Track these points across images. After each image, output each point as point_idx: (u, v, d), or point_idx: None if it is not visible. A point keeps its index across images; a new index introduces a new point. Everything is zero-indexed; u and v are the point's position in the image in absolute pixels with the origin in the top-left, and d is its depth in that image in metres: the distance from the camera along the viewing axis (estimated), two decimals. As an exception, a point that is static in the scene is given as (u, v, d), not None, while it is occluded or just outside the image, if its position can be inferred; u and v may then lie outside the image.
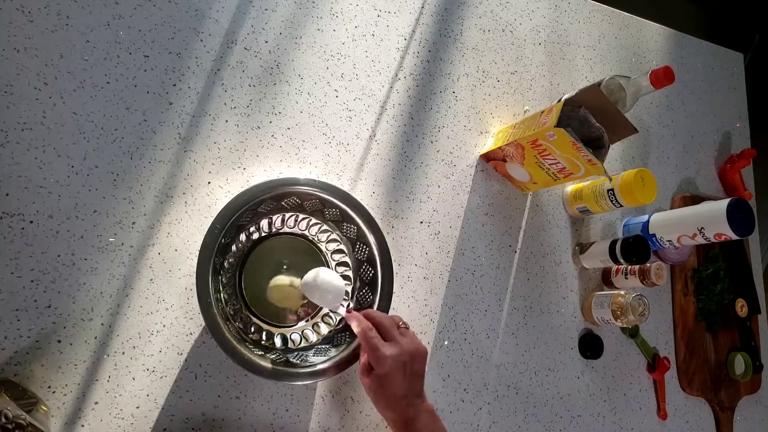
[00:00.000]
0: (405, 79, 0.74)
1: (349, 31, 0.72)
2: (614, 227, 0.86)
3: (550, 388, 0.75)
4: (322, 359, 0.56)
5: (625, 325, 0.75)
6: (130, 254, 0.56)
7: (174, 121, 0.60)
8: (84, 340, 0.53)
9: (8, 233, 0.52)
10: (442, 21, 0.78)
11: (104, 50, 0.58)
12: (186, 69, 0.62)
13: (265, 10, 0.67)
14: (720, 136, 1.04)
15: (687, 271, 0.90)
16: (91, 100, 0.57)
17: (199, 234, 0.57)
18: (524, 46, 0.84)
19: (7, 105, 0.53)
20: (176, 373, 0.56)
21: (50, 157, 0.54)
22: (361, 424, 0.63)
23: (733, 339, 0.92)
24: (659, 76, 0.65)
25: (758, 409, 0.94)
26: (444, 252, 0.72)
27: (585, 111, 0.65)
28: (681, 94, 1.00)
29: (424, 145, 0.73)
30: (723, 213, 0.71)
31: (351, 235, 0.62)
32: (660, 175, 0.93)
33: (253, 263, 0.59)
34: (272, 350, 0.57)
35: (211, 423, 0.56)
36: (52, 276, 0.53)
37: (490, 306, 0.73)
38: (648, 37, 0.99)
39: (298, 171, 0.65)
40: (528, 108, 0.83)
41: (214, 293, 0.53)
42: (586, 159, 0.63)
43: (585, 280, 0.82)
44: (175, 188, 0.59)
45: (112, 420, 0.53)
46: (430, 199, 0.72)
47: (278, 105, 0.66)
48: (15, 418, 0.43)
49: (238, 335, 0.55)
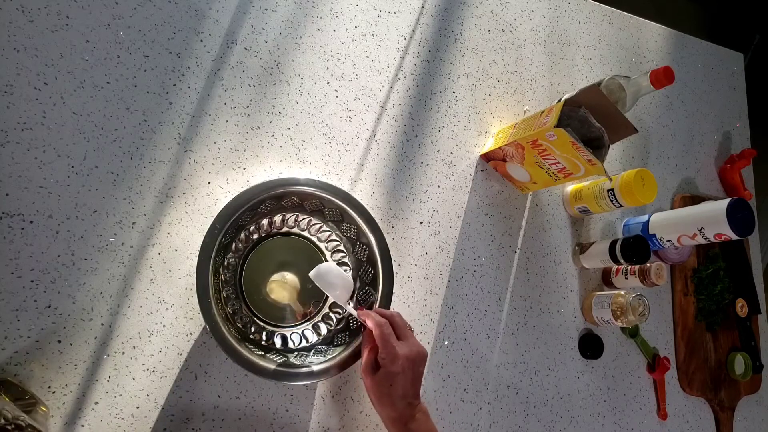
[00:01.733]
0: (405, 79, 0.74)
1: (349, 31, 0.72)
2: (614, 227, 0.86)
3: (550, 388, 0.75)
4: (322, 359, 0.56)
5: (625, 325, 0.75)
6: (130, 254, 0.56)
7: (174, 121, 0.60)
8: (84, 340, 0.53)
9: (8, 233, 0.52)
10: (442, 21, 0.78)
11: (104, 50, 0.58)
12: (186, 69, 0.62)
13: (265, 10, 0.67)
14: (720, 136, 1.04)
15: (687, 271, 0.90)
16: (91, 100, 0.57)
17: (199, 234, 0.57)
18: (524, 46, 0.84)
19: (7, 105, 0.53)
20: (176, 373, 0.56)
21: (50, 157, 0.54)
22: (361, 424, 0.63)
23: (733, 339, 0.92)
24: (659, 76, 0.65)
25: (758, 409, 0.94)
26: (444, 252, 0.72)
27: (585, 111, 0.65)
28: (681, 94, 1.00)
29: (424, 145, 0.73)
30: (723, 213, 0.71)
31: (351, 235, 0.62)
32: (660, 175, 0.93)
33: (254, 263, 0.59)
34: (272, 350, 0.57)
35: (211, 423, 0.56)
36: (52, 276, 0.53)
37: (490, 306, 0.73)
38: (648, 37, 0.99)
39: (298, 171, 0.65)
40: (528, 108, 0.83)
41: (214, 293, 0.52)
42: (586, 159, 0.63)
43: (585, 280, 0.82)
44: (175, 188, 0.59)
45: (112, 420, 0.53)
46: (430, 199, 0.72)
47: (278, 105, 0.66)
48: (14, 419, 0.43)
49: (238, 335, 0.55)
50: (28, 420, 0.44)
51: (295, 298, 0.60)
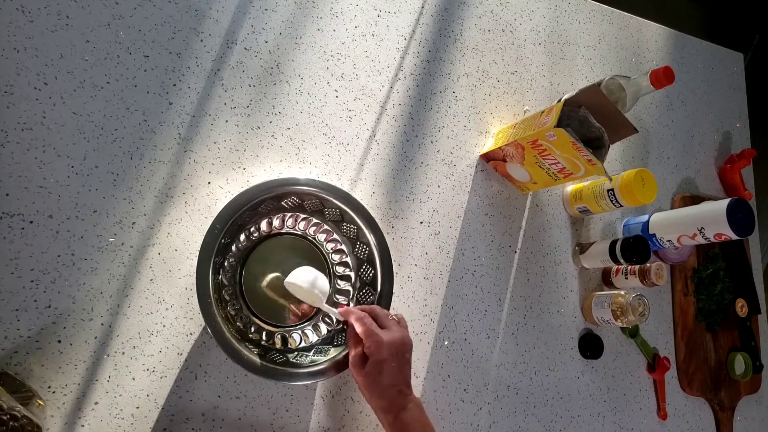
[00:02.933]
0: (405, 79, 0.74)
1: (349, 31, 0.72)
2: (614, 227, 0.86)
3: (550, 388, 0.75)
4: (322, 359, 0.56)
5: (625, 325, 0.75)
6: (130, 254, 0.56)
7: (174, 121, 0.60)
8: (84, 340, 0.53)
9: (8, 233, 0.52)
10: (442, 21, 0.78)
11: (104, 50, 0.58)
12: (186, 69, 0.62)
13: (265, 10, 0.67)
14: (720, 136, 1.04)
15: (687, 271, 0.90)
16: (91, 100, 0.57)
17: (199, 234, 0.57)
18: (524, 46, 0.84)
19: (7, 105, 0.53)
20: (176, 373, 0.56)
21: (50, 157, 0.54)
22: (361, 424, 0.63)
23: (733, 339, 0.92)
24: (659, 76, 0.65)
25: (758, 409, 0.94)
26: (444, 252, 0.72)
27: (585, 111, 0.65)
28: (681, 94, 1.00)
29: (424, 145, 0.73)
30: (723, 213, 0.70)
31: (351, 236, 0.62)
32: (660, 175, 0.93)
33: (254, 263, 0.59)
34: (272, 350, 0.57)
35: (211, 423, 0.56)
36: (52, 276, 0.53)
37: (490, 306, 0.73)
38: (648, 37, 0.99)
39: (298, 171, 0.65)
40: (528, 108, 0.83)
41: (214, 293, 0.53)
42: (586, 159, 0.63)
43: (585, 280, 0.82)
44: (175, 188, 0.59)
45: (112, 420, 0.53)
46: (430, 199, 0.72)
47: (278, 105, 0.66)
48: (9, 409, 0.43)
49: (239, 335, 0.55)
50: (23, 411, 0.44)
51: (292, 299, 0.60)
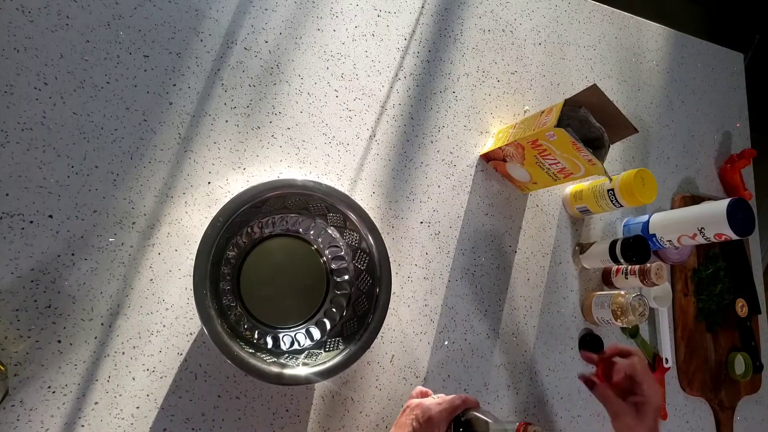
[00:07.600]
0: (405, 79, 0.74)
1: (349, 31, 0.72)
2: (614, 227, 0.86)
3: (550, 388, 0.75)
4: (322, 359, 0.56)
5: (625, 325, 0.75)
6: (130, 254, 0.56)
7: (174, 121, 0.60)
8: (84, 340, 0.53)
9: (8, 233, 0.52)
10: (442, 21, 0.78)
11: (104, 50, 0.58)
12: (186, 69, 0.62)
13: (265, 10, 0.67)
14: (720, 136, 1.04)
15: (687, 271, 0.90)
16: (91, 100, 0.57)
17: (199, 234, 0.57)
18: (524, 46, 0.84)
19: (7, 105, 0.53)
20: (176, 373, 0.56)
21: (50, 157, 0.54)
22: (361, 424, 0.63)
23: (733, 339, 0.92)
24: None
25: (758, 409, 0.94)
26: (444, 252, 0.72)
27: (585, 111, 0.65)
28: (681, 94, 1.00)
29: (424, 145, 0.73)
30: (723, 213, 0.70)
31: (353, 243, 0.62)
32: (660, 175, 0.93)
33: (252, 264, 0.58)
34: (271, 351, 0.57)
35: (211, 423, 0.56)
36: (52, 276, 0.53)
37: (490, 306, 0.73)
38: (648, 37, 0.99)
39: (298, 171, 0.65)
40: (528, 108, 0.83)
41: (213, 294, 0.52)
42: (586, 159, 0.63)
43: (585, 280, 0.82)
44: (175, 188, 0.59)
45: (112, 420, 0.53)
46: (430, 199, 0.72)
47: (278, 105, 0.66)
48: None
49: (237, 335, 0.54)
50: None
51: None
